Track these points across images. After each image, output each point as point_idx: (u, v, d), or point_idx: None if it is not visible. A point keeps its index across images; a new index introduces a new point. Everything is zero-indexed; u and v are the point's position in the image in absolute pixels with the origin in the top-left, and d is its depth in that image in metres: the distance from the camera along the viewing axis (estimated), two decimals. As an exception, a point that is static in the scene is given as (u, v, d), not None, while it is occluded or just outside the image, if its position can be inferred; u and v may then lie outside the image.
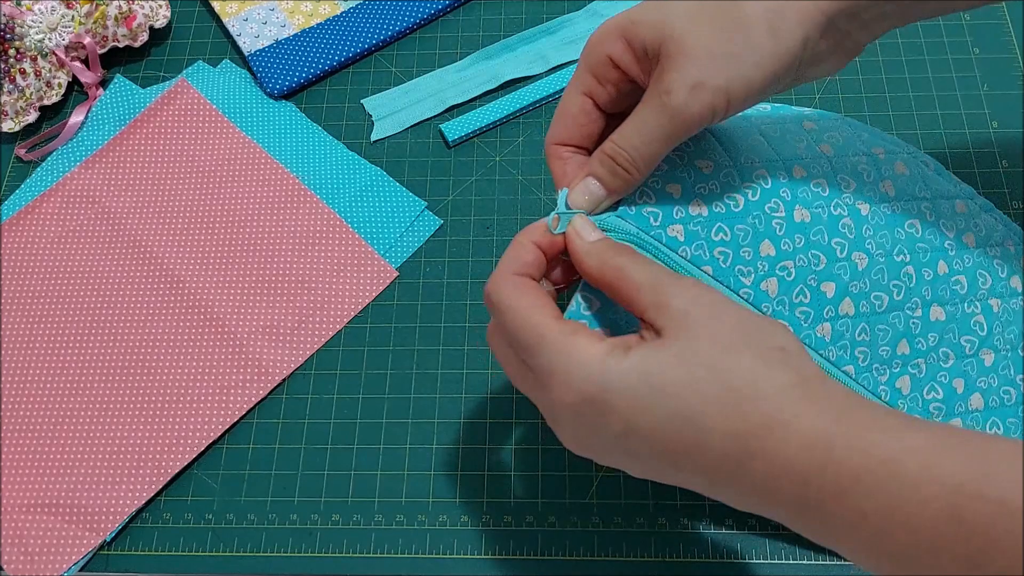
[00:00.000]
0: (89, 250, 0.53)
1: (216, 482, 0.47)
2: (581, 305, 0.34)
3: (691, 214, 0.35)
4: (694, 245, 0.34)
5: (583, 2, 0.61)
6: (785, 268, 0.35)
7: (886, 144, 0.42)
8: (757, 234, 0.35)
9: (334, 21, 0.61)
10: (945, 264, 0.39)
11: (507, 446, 0.47)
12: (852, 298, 0.36)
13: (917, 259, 0.39)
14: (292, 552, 0.45)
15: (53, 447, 0.47)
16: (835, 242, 0.36)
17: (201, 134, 0.57)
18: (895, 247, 0.38)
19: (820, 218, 0.37)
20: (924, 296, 0.38)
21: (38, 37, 0.56)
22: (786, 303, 0.35)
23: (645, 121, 0.32)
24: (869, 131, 0.43)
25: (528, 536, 0.44)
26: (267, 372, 0.49)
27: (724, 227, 0.35)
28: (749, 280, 0.35)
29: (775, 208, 0.36)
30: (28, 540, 0.45)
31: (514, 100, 0.57)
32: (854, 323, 0.36)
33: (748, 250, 0.35)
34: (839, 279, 0.36)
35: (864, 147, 0.41)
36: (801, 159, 0.38)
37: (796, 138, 0.39)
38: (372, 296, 0.51)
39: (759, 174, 0.36)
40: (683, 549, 0.44)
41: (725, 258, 0.35)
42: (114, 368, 0.50)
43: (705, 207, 0.35)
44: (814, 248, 0.36)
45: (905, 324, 0.38)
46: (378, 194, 0.55)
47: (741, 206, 0.35)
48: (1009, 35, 0.59)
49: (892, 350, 0.37)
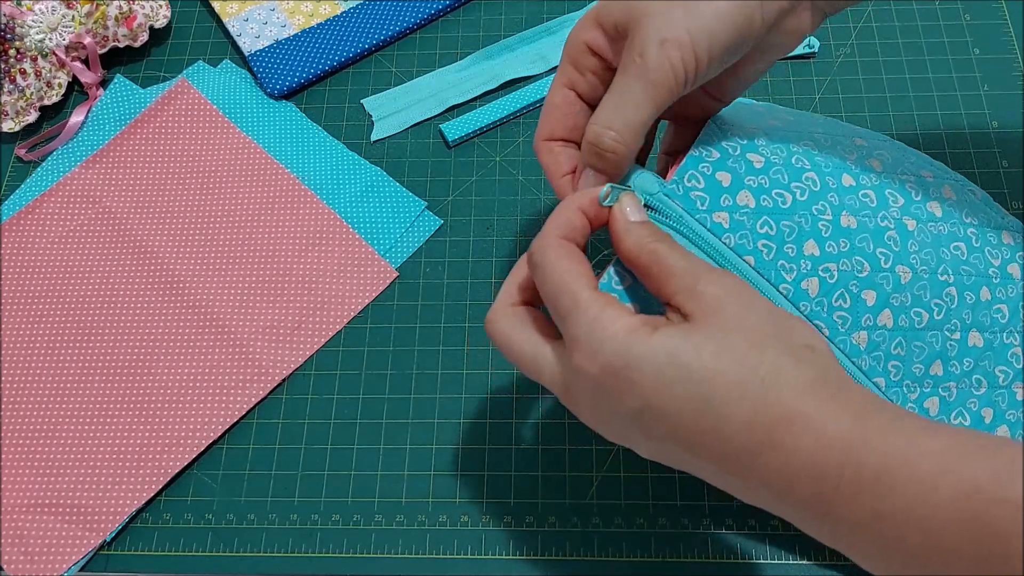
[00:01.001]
0: (89, 250, 0.53)
1: (216, 482, 0.47)
2: (613, 279, 0.33)
3: (738, 204, 0.35)
4: (739, 234, 0.34)
5: (583, 2, 0.61)
6: (828, 270, 0.35)
7: (934, 169, 0.42)
8: (802, 233, 0.35)
9: (334, 21, 0.61)
10: (988, 291, 0.39)
11: (507, 446, 0.47)
12: (892, 310, 0.36)
13: (961, 281, 0.38)
14: (292, 552, 0.45)
15: (53, 447, 0.47)
16: (880, 251, 0.36)
17: (201, 134, 0.57)
18: (940, 266, 0.38)
19: (866, 226, 0.36)
20: (964, 320, 0.38)
21: (38, 37, 0.56)
22: (824, 305, 0.35)
23: (623, 90, 0.32)
24: (917, 155, 0.43)
25: (528, 536, 0.44)
26: (267, 372, 0.49)
27: (770, 221, 0.35)
28: (791, 276, 0.35)
29: (822, 211, 0.36)
30: (28, 540, 0.45)
31: (514, 100, 0.57)
32: (891, 336, 0.36)
33: (792, 247, 0.35)
34: (881, 289, 0.36)
35: (912, 168, 0.41)
36: (851, 169, 0.38)
37: (846, 150, 0.39)
38: (372, 296, 0.51)
39: (808, 176, 0.36)
40: (683, 549, 0.44)
41: (768, 251, 0.35)
42: (114, 368, 0.50)
43: (753, 199, 0.35)
44: (858, 254, 0.36)
45: (942, 345, 0.37)
46: (378, 194, 0.55)
47: (789, 204, 0.35)
48: (1009, 35, 0.59)
49: (925, 369, 0.37)
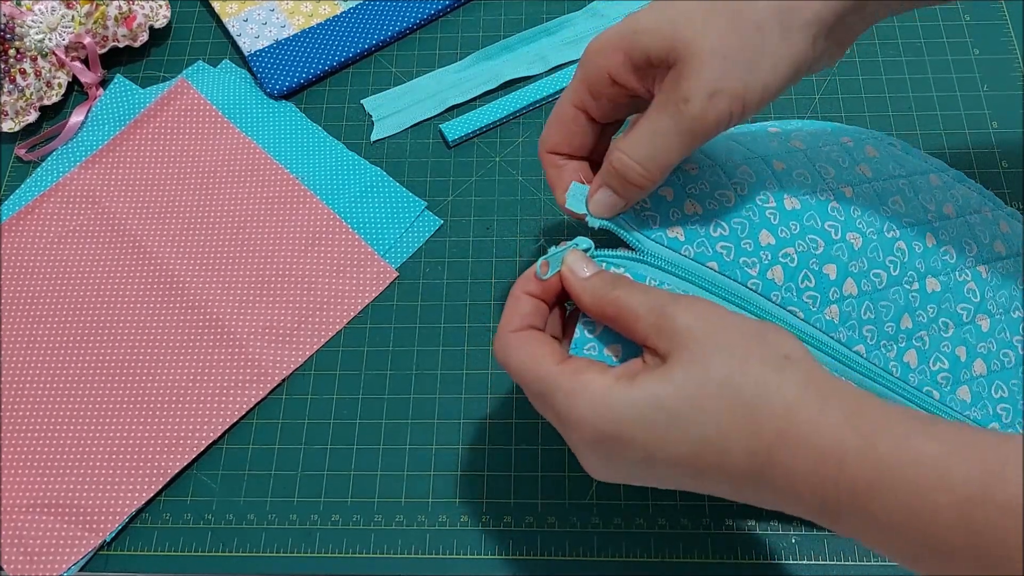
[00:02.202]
0: (89, 250, 0.53)
1: (216, 482, 0.47)
2: (584, 331, 0.34)
3: (687, 213, 0.36)
4: (696, 243, 0.35)
5: (583, 2, 0.61)
6: (787, 255, 0.36)
7: (851, 133, 0.44)
8: (753, 225, 0.36)
9: (334, 21, 0.61)
10: (932, 236, 0.40)
11: (507, 446, 0.47)
12: (853, 278, 0.37)
13: (906, 234, 0.40)
14: (292, 552, 0.45)
15: (53, 447, 0.47)
16: (828, 225, 0.37)
17: (201, 134, 0.57)
18: (884, 224, 0.39)
19: (809, 204, 0.38)
20: (918, 269, 0.39)
21: (38, 37, 0.56)
22: (793, 289, 0.36)
23: (659, 131, 0.32)
24: (832, 125, 0.45)
25: (528, 536, 0.44)
26: (267, 372, 0.49)
27: (721, 223, 0.36)
28: (755, 271, 0.36)
29: (765, 199, 0.37)
30: (28, 540, 0.45)
31: (514, 100, 0.57)
32: (859, 302, 0.37)
33: (748, 242, 0.36)
34: (839, 260, 0.37)
35: (832, 139, 0.42)
36: (777, 155, 0.39)
37: (767, 137, 0.41)
38: (372, 296, 0.51)
39: (743, 171, 0.37)
40: (683, 549, 0.44)
41: (728, 252, 0.35)
42: (114, 368, 0.50)
43: (699, 206, 0.36)
44: (810, 232, 0.37)
45: (905, 298, 0.39)
46: (378, 194, 0.55)
47: (733, 202, 0.36)
48: (1009, 35, 0.59)
49: (896, 325, 0.38)
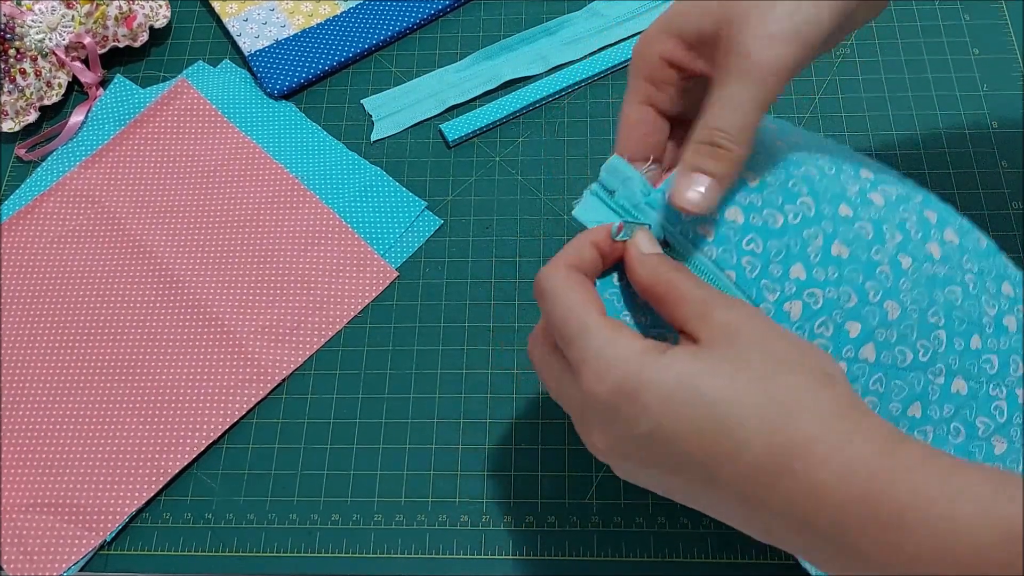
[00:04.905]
0: (89, 250, 0.53)
1: (216, 482, 0.47)
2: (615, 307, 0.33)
3: (726, 218, 0.34)
4: (721, 248, 0.33)
5: (583, 2, 0.61)
6: (813, 295, 0.34)
7: (939, 210, 0.40)
8: (790, 255, 0.34)
9: (334, 21, 0.61)
10: (979, 340, 0.37)
11: (507, 446, 0.47)
12: (876, 345, 0.34)
13: (951, 326, 0.36)
14: (292, 552, 0.45)
15: (53, 447, 0.47)
16: (869, 284, 0.35)
17: (201, 134, 0.57)
18: (931, 307, 0.36)
19: (858, 258, 0.35)
20: (950, 365, 0.36)
21: (38, 37, 0.56)
22: (805, 331, 0.34)
23: (731, 94, 0.31)
24: (924, 194, 0.41)
25: (528, 536, 0.44)
26: (267, 372, 0.49)
27: (757, 239, 0.34)
28: (773, 296, 0.33)
29: (814, 236, 0.34)
30: (28, 540, 0.45)
31: (514, 100, 0.57)
32: (871, 371, 0.35)
33: (778, 267, 0.34)
34: (866, 322, 0.34)
35: (916, 207, 0.39)
36: (849, 200, 0.36)
37: (850, 180, 0.38)
38: (372, 296, 0.51)
39: (804, 201, 0.35)
40: (683, 549, 0.44)
41: (752, 268, 0.33)
42: (114, 368, 0.50)
43: (742, 216, 0.34)
44: (847, 284, 0.34)
45: (923, 387, 0.36)
46: (378, 194, 0.55)
47: (779, 225, 0.34)
48: (1009, 35, 0.59)
49: (903, 409, 0.35)
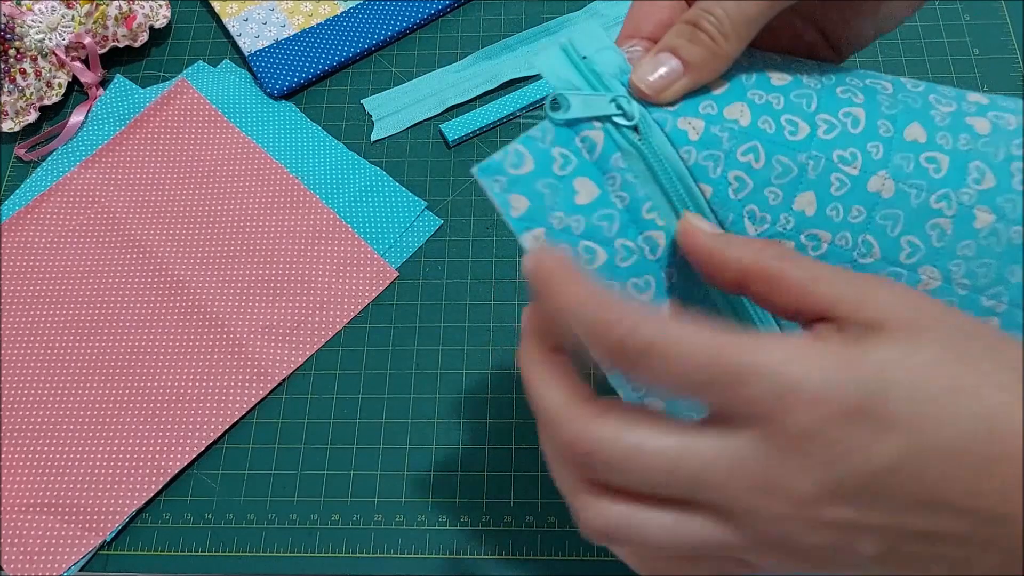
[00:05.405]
0: (89, 250, 0.53)
1: (216, 482, 0.47)
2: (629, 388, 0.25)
3: (725, 116, 0.25)
4: (705, 153, 0.25)
5: (583, 2, 0.61)
6: (815, 238, 0.25)
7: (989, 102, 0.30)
8: (802, 179, 0.25)
9: (334, 21, 0.61)
10: None
11: (507, 446, 0.47)
12: None
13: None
14: (292, 552, 0.45)
15: (53, 447, 0.47)
16: (907, 240, 0.25)
17: (201, 134, 0.57)
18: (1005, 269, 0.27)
19: (908, 202, 0.25)
20: None
21: (38, 37, 0.56)
22: None
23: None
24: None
25: (528, 536, 0.44)
26: (267, 372, 0.49)
27: (760, 149, 0.25)
28: (756, 229, 0.25)
29: (849, 160, 0.25)
30: (28, 540, 0.45)
31: (514, 100, 0.57)
32: None
33: (777, 192, 0.25)
34: None
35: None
36: (922, 117, 0.27)
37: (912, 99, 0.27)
38: (372, 296, 0.51)
39: (850, 112, 0.26)
40: (683, 549, 0.44)
41: (741, 187, 0.25)
42: (114, 368, 0.50)
43: (748, 116, 0.25)
44: (874, 234, 0.25)
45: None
46: (378, 194, 0.55)
47: (802, 137, 0.25)
48: (1009, 35, 0.59)
49: None
